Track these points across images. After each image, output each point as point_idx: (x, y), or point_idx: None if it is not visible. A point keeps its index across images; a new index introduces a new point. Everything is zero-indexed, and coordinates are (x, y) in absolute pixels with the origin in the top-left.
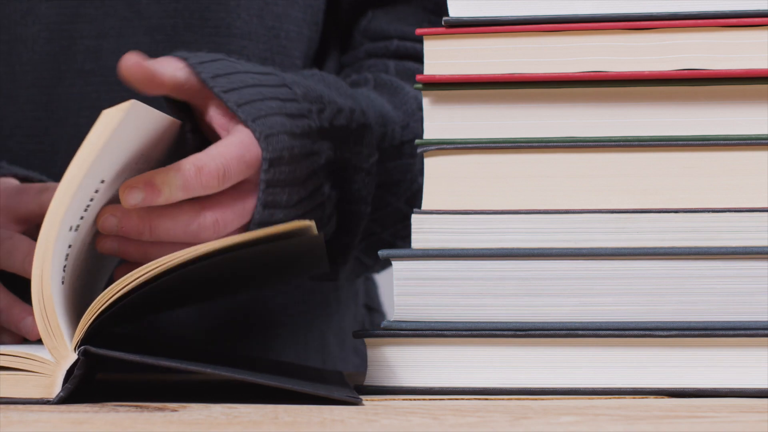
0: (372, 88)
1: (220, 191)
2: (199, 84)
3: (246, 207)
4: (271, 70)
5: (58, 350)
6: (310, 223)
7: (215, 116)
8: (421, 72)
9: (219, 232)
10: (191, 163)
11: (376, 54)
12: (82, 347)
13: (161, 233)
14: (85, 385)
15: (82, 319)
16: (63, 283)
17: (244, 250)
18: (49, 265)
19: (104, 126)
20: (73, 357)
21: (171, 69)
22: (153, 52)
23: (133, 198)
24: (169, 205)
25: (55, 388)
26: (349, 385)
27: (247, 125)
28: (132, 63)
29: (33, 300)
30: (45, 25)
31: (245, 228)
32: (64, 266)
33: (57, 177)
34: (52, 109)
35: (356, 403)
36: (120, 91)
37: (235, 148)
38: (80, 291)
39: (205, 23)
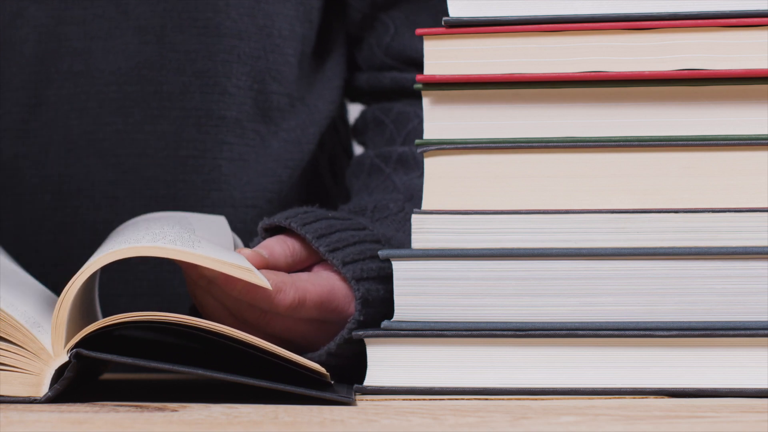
0: None
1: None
2: (306, 248)
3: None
4: (366, 224)
5: (53, 347)
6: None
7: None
8: None
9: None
10: (273, 280)
11: (404, 88)
12: (74, 350)
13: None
14: (84, 386)
15: (85, 328)
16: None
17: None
18: (90, 272)
19: None
20: (64, 358)
21: (281, 251)
22: (142, 53)
23: (207, 272)
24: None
25: (43, 388)
26: (346, 384)
27: (349, 285)
28: (252, 254)
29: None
30: (33, 27)
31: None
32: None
33: (47, 179)
34: (41, 111)
35: (348, 403)
36: (109, 93)
37: (323, 291)
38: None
39: (194, 23)
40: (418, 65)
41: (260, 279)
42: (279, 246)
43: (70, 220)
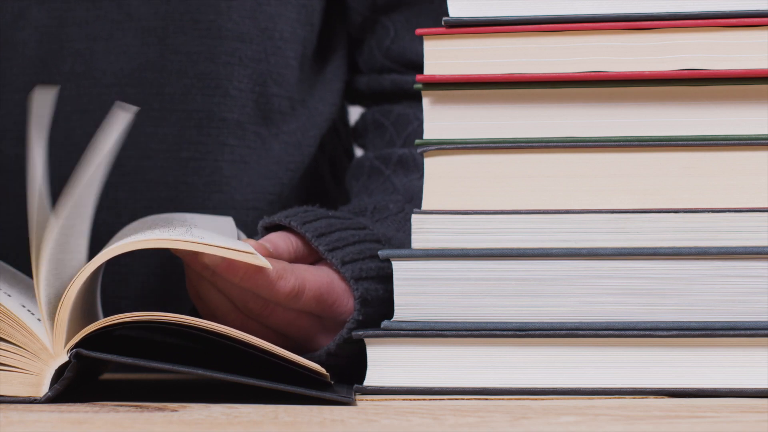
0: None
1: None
2: (307, 246)
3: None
4: (367, 224)
5: (53, 346)
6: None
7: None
8: None
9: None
10: (275, 267)
11: (404, 91)
12: (74, 350)
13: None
14: (84, 386)
15: (85, 328)
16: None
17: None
18: (92, 269)
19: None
20: (64, 358)
21: (285, 247)
22: (144, 55)
23: (209, 260)
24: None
25: (43, 388)
26: (346, 384)
27: (348, 284)
28: (256, 246)
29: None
30: (35, 28)
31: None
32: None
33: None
34: None
35: (348, 403)
36: (111, 94)
37: (322, 283)
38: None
39: (196, 25)
40: (418, 68)
41: (261, 260)
42: (282, 241)
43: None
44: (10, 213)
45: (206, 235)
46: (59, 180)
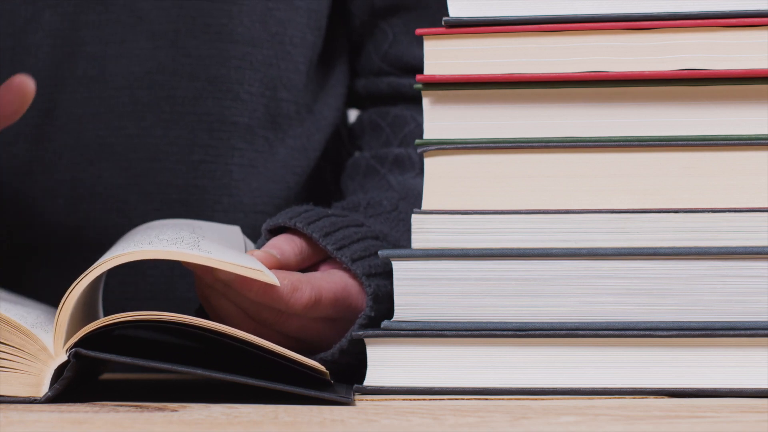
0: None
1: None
2: (311, 246)
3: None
4: (362, 220)
5: (54, 346)
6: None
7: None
8: None
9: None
10: (289, 279)
11: (401, 93)
12: (73, 349)
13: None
14: (84, 386)
15: (84, 327)
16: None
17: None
18: (96, 274)
19: None
20: (63, 358)
21: (291, 250)
22: (155, 58)
23: (223, 275)
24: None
25: (43, 387)
26: (345, 384)
27: (359, 281)
28: (263, 256)
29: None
30: (48, 32)
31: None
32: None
33: (59, 184)
34: (55, 115)
35: (347, 403)
36: (122, 97)
37: (337, 288)
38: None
39: (208, 29)
40: (415, 72)
41: (271, 278)
42: (287, 244)
43: (82, 224)
44: (22, 215)
45: (214, 249)
46: (71, 183)
